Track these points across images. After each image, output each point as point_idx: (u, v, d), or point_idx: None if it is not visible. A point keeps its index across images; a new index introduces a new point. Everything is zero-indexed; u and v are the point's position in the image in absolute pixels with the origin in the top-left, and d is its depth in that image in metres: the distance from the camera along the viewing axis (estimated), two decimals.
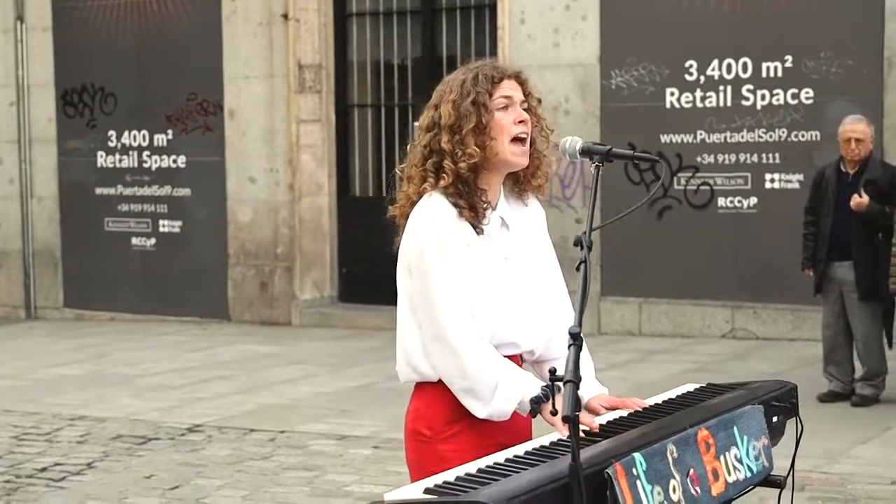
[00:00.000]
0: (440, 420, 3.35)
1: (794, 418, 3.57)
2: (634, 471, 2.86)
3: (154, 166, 14.08)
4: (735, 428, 3.27)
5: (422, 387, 3.41)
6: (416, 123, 3.49)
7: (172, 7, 13.77)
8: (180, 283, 13.97)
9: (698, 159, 11.47)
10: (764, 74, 11.15)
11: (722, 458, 3.18)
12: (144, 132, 14.11)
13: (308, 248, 13.42)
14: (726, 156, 11.33)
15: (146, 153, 14.12)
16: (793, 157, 11.03)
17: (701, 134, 11.42)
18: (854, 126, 8.43)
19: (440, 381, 3.35)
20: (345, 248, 13.56)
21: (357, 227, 13.44)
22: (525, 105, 3.41)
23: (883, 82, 10.65)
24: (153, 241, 14.18)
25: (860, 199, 8.26)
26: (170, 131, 13.95)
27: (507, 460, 2.96)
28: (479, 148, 3.31)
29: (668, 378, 9.72)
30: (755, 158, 11.23)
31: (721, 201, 11.40)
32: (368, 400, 9.40)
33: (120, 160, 14.30)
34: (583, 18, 11.83)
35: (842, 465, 7.06)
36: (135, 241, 14.28)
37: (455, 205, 3.32)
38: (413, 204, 3.36)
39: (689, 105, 11.46)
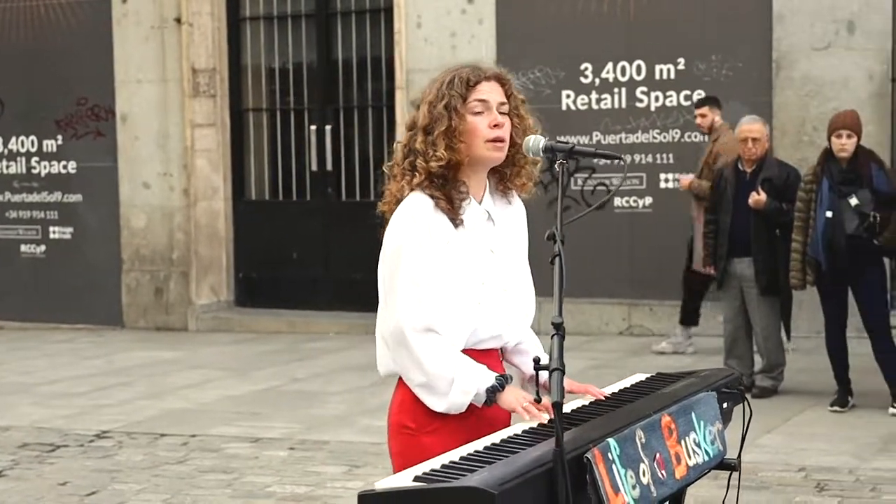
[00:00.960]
0: (424, 412, 3.40)
1: (741, 404, 3.71)
2: (610, 455, 2.96)
3: (43, 172, 13.87)
4: (693, 414, 3.40)
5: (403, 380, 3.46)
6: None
7: (61, 11, 13.58)
8: (72, 290, 13.78)
9: (594, 160, 11.64)
10: (657, 77, 11.41)
11: (682, 442, 3.31)
12: (33, 138, 13.90)
13: (204, 253, 13.34)
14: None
15: (35, 159, 13.91)
16: (686, 158, 11.28)
17: (597, 135, 11.63)
18: (751, 126, 8.68)
19: None
20: (241, 252, 13.52)
21: (253, 230, 13.42)
22: (505, 108, 3.48)
23: (772, 83, 10.96)
24: (43, 248, 13.97)
25: (758, 197, 8.51)
26: (59, 137, 13.75)
27: (487, 448, 3.04)
28: (449, 150, 3.38)
29: (570, 375, 9.88)
30: (650, 159, 11.48)
31: (617, 201, 11.63)
32: (277, 403, 9.40)
33: (7, 166, 14.06)
34: (479, 22, 11.97)
35: (750, 453, 7.23)
36: (24, 248, 14.05)
37: (431, 196, 3.39)
38: (398, 201, 3.44)
39: (585, 107, 11.67)
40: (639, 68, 11.47)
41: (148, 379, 10.61)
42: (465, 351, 3.42)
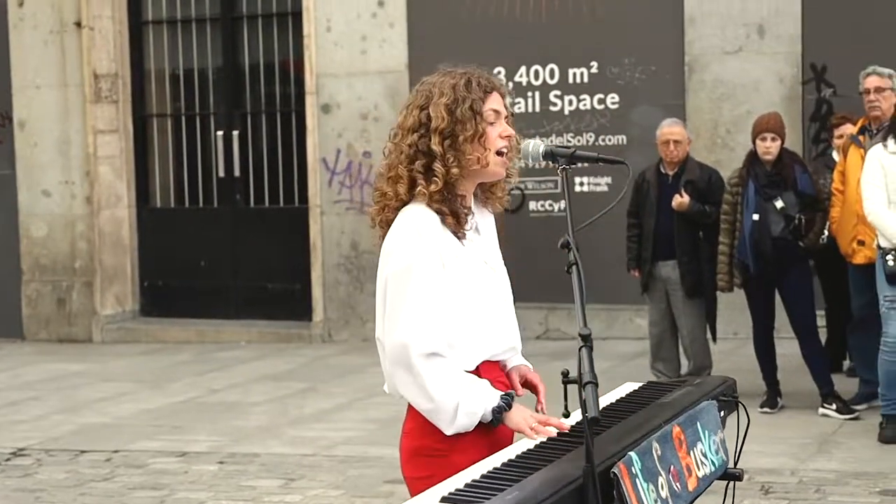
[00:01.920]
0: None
1: (736, 412, 3.67)
2: (633, 469, 2.90)
3: None
4: (698, 423, 3.35)
5: None
6: (397, 122, 3.41)
7: None
8: None
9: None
10: (571, 80, 11.42)
11: (691, 453, 3.25)
12: None
13: (108, 262, 13.03)
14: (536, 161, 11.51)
15: None
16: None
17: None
18: (672, 129, 8.71)
19: None
20: (146, 260, 13.23)
21: (159, 238, 13.14)
22: (508, 120, 3.40)
23: (685, 87, 11.04)
24: None
25: (681, 199, 8.53)
26: None
27: (505, 465, 2.95)
28: (474, 157, 3.29)
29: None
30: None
31: (532, 205, 11.61)
32: (197, 414, 9.19)
33: None
34: (390, 26, 11.87)
35: None
36: None
37: (438, 212, 3.29)
38: (398, 205, 3.31)
39: None
40: (552, 72, 11.47)
41: (58, 393, 10.32)
42: (483, 364, 3.34)
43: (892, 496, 6.34)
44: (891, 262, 7.30)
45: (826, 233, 8.18)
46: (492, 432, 3.35)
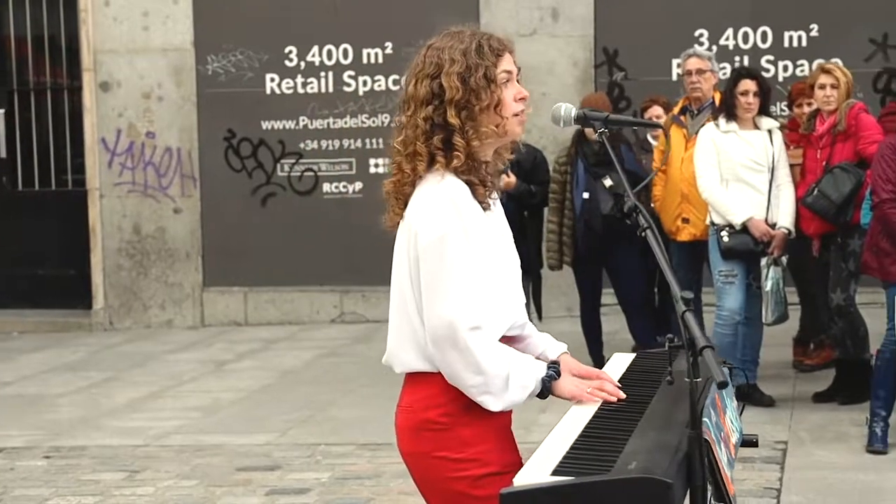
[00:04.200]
0: (457, 405, 3.15)
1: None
2: (713, 436, 2.87)
3: None
4: (724, 390, 3.34)
5: (429, 375, 3.18)
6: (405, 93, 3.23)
7: None
8: None
9: (301, 145, 11.45)
10: (365, 61, 11.31)
11: (727, 419, 3.25)
12: None
13: None
14: (330, 141, 11.40)
15: None
16: None
17: (304, 120, 11.40)
18: None
19: None
20: None
21: None
22: (519, 76, 3.28)
23: None
24: None
25: (508, 179, 8.53)
26: None
27: (586, 436, 2.86)
28: (494, 126, 3.16)
29: (305, 365, 9.70)
30: (359, 144, 11.37)
31: (326, 187, 11.45)
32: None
33: None
34: (174, 2, 11.46)
35: (534, 433, 7.27)
36: None
37: (468, 182, 3.15)
38: (416, 181, 3.16)
39: (291, 91, 11.41)
40: (346, 52, 11.33)
41: None
42: (504, 338, 3.22)
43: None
44: (725, 238, 7.53)
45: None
46: None
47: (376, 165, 11.34)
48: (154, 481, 6.74)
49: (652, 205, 8.37)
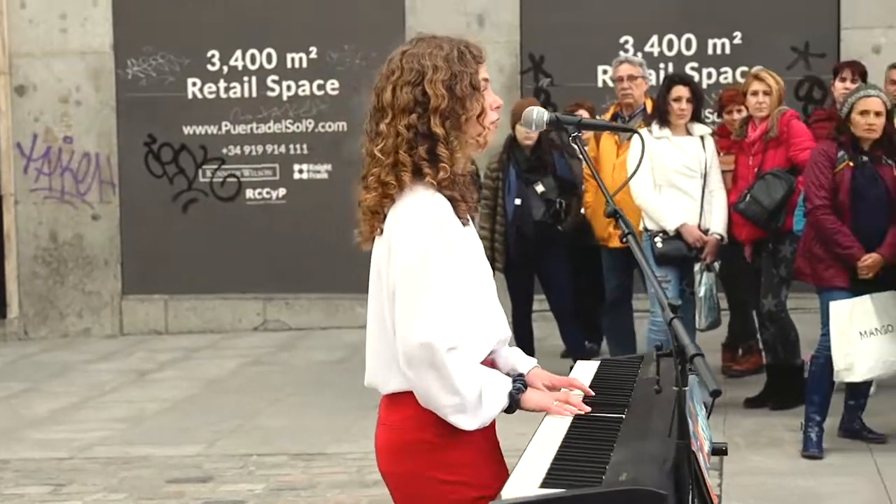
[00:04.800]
0: (448, 425, 3.04)
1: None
2: (695, 444, 2.81)
3: None
4: (694, 398, 3.29)
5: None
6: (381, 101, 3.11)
7: None
8: None
9: (224, 151, 11.28)
10: (289, 65, 11.17)
11: (700, 427, 3.20)
12: None
13: None
14: (253, 147, 11.24)
15: None
16: (321, 148, 11.15)
17: (226, 125, 11.23)
18: None
19: None
20: None
21: None
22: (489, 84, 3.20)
23: None
24: None
25: None
26: None
27: (568, 448, 2.79)
28: (475, 136, 3.08)
29: (230, 374, 9.54)
30: (283, 149, 11.22)
31: (249, 193, 11.29)
32: None
33: None
34: (94, 4, 11.24)
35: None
36: None
37: (451, 198, 3.05)
38: (388, 195, 3.05)
39: (213, 96, 11.24)
40: (269, 56, 11.19)
41: None
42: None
43: None
44: (659, 244, 7.53)
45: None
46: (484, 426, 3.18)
47: (300, 171, 11.21)
48: (81, 495, 6.56)
49: (583, 211, 8.35)
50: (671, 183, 7.56)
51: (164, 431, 7.84)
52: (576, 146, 3.22)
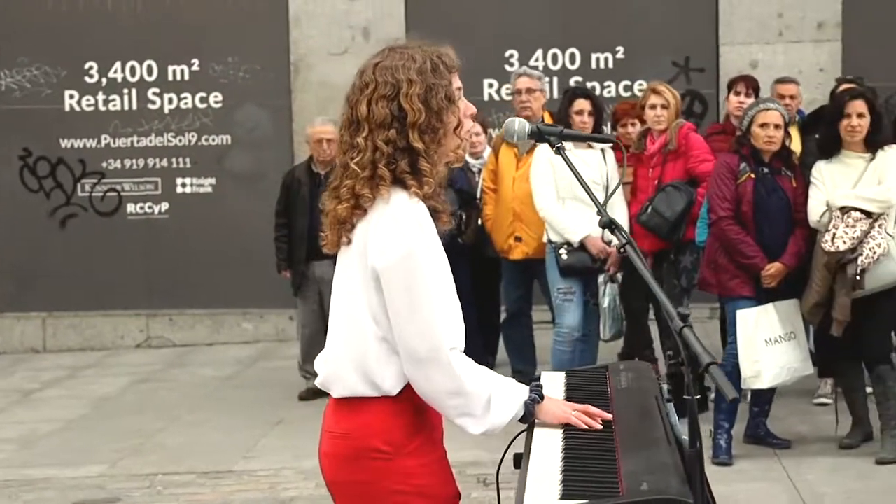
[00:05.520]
0: (401, 434, 3.05)
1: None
2: None
3: None
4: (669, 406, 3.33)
5: (372, 401, 3.06)
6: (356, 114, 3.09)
7: None
8: None
9: (104, 164, 11.04)
10: (171, 78, 10.99)
11: None
12: None
13: None
14: (134, 161, 11.02)
15: None
16: (204, 162, 10.98)
17: (106, 138, 11.00)
18: (324, 128, 8.58)
19: (399, 395, 3.05)
20: None
21: None
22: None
23: (290, 86, 10.94)
24: None
25: None
26: None
27: (569, 458, 2.80)
28: (454, 148, 3.07)
29: (120, 392, 9.34)
30: (165, 163, 11.03)
31: (130, 207, 11.06)
32: None
33: None
34: None
35: None
36: None
37: (433, 209, 3.05)
38: (373, 202, 3.02)
39: (92, 108, 10.99)
40: (150, 68, 10.99)
41: None
42: None
43: None
44: (564, 256, 7.60)
45: None
46: (435, 433, 3.18)
47: (183, 185, 11.04)
48: None
49: (480, 222, 8.40)
50: (574, 195, 7.63)
51: (61, 452, 7.63)
52: (560, 156, 3.23)
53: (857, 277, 6.51)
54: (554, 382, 3.57)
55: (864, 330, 6.69)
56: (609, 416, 3.07)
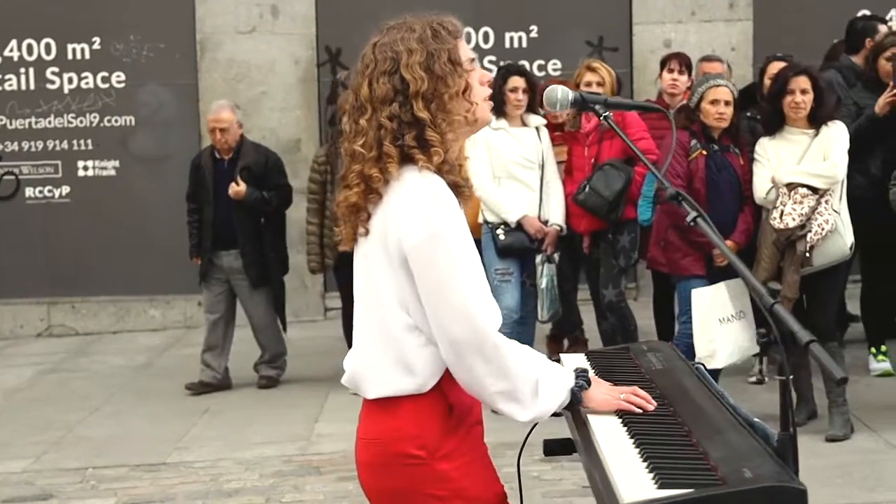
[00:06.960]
0: (434, 436, 2.86)
1: None
2: None
3: None
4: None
5: (403, 402, 2.87)
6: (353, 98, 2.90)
7: None
8: None
9: (1, 147, 10.58)
10: (70, 56, 10.57)
11: None
12: None
13: None
14: (32, 143, 10.59)
15: None
16: (107, 143, 10.60)
17: (2, 119, 10.55)
18: (218, 115, 8.21)
19: (430, 393, 2.87)
20: None
21: None
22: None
23: (197, 66, 10.60)
24: None
25: (238, 188, 8.11)
26: None
27: (642, 444, 2.65)
28: (464, 113, 2.88)
29: (28, 382, 8.97)
30: (65, 145, 10.61)
31: (29, 191, 10.63)
32: None
33: None
34: None
35: (322, 444, 6.95)
36: None
37: (453, 184, 2.87)
38: (386, 183, 2.84)
39: None
40: (48, 47, 10.55)
41: None
42: None
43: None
44: (501, 236, 7.46)
45: None
46: (473, 432, 3.01)
47: (85, 168, 10.64)
48: None
49: None
50: (510, 175, 7.51)
51: None
52: (608, 124, 3.08)
53: (807, 254, 6.48)
54: (577, 363, 3.41)
55: (810, 307, 6.67)
56: (654, 404, 2.92)
